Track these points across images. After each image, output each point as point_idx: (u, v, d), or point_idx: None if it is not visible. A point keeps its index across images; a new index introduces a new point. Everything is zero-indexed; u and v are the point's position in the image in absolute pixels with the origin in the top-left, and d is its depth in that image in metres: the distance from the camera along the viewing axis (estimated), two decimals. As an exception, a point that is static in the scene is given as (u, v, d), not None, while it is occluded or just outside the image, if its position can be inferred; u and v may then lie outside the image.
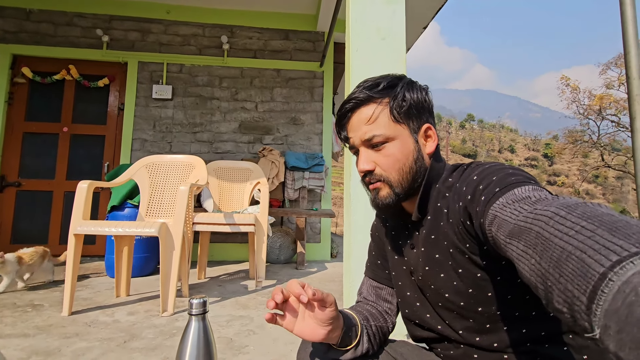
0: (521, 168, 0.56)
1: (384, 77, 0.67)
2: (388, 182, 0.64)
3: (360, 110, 0.65)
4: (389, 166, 0.64)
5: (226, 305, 1.98)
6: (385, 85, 0.65)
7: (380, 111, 0.64)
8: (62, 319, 1.69)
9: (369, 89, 0.65)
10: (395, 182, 0.64)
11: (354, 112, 0.66)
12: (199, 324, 0.79)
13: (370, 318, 0.73)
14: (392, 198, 0.64)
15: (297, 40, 3.84)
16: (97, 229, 1.78)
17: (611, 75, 18.65)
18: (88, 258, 3.27)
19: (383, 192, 0.65)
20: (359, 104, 0.65)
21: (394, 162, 0.63)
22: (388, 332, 0.76)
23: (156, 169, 2.32)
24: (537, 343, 0.56)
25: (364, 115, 0.65)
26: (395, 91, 0.65)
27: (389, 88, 0.65)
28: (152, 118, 3.56)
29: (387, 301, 0.79)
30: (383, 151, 0.64)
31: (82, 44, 3.53)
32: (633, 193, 32.58)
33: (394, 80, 0.66)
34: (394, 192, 0.64)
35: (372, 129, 0.63)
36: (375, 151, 0.65)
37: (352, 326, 0.67)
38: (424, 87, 0.68)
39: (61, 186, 3.40)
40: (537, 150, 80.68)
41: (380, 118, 0.64)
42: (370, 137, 0.64)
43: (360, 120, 0.65)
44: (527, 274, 0.35)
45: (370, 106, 0.64)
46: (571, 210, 0.33)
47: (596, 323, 0.25)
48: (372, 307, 0.78)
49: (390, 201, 0.64)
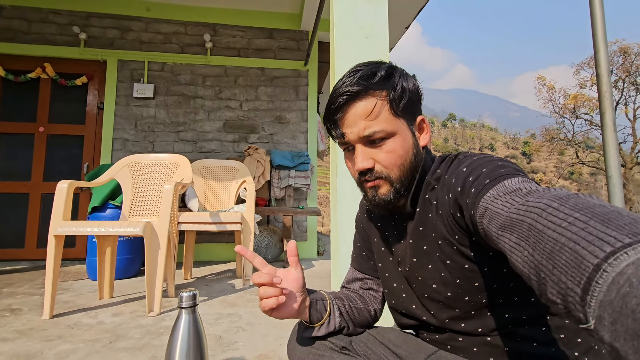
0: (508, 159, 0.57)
1: (377, 65, 0.62)
2: (389, 179, 0.61)
3: (356, 104, 0.60)
4: (390, 163, 0.60)
5: (214, 304, 1.97)
6: (382, 75, 0.60)
7: (380, 105, 0.59)
8: (43, 322, 1.64)
9: (365, 79, 0.59)
10: (396, 179, 0.61)
11: (350, 106, 0.60)
12: (189, 317, 0.80)
13: (344, 298, 0.76)
14: (392, 195, 0.62)
15: (281, 39, 3.83)
16: (79, 230, 1.74)
17: (584, 75, 19.44)
18: (68, 261, 3.17)
19: (383, 190, 0.62)
20: (354, 97, 0.59)
21: (396, 159, 0.60)
22: (368, 316, 0.77)
23: (139, 168, 2.28)
24: (517, 325, 0.59)
25: (362, 110, 0.59)
26: (393, 82, 0.60)
27: (386, 78, 0.60)
28: (133, 117, 3.49)
29: (371, 289, 0.80)
30: (384, 147, 0.60)
31: (59, 42, 3.42)
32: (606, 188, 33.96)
33: (389, 69, 0.62)
34: (394, 189, 0.61)
35: (372, 124, 0.59)
36: (373, 147, 0.60)
37: (320, 299, 0.71)
38: (413, 75, 0.65)
39: (38, 188, 3.29)
40: (516, 148, 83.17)
41: (381, 112, 0.59)
42: (370, 134, 0.59)
43: (357, 115, 0.59)
44: (520, 265, 0.35)
45: (369, 99, 0.59)
46: (563, 202, 0.33)
47: (590, 314, 0.25)
48: (350, 292, 0.79)
49: (390, 198, 0.62)
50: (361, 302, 0.77)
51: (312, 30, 3.23)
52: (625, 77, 17.26)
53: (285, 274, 0.66)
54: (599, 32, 1.42)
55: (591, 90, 19.15)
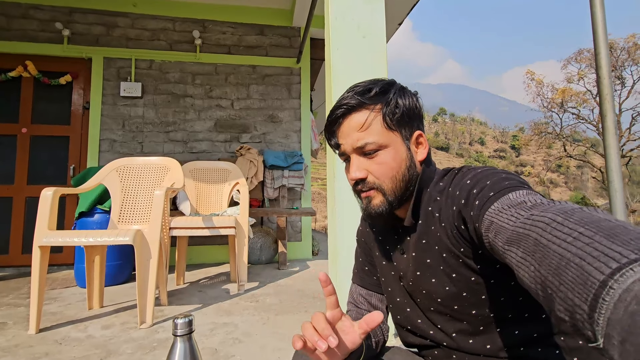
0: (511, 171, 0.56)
1: (374, 82, 0.65)
2: (381, 190, 0.63)
3: (351, 117, 0.63)
4: (381, 174, 0.62)
5: (208, 312, 1.92)
6: (377, 91, 0.63)
7: (373, 118, 0.62)
8: (29, 337, 1.57)
9: (361, 94, 0.63)
10: (388, 190, 0.62)
11: (345, 118, 0.64)
12: (184, 345, 0.74)
13: (371, 335, 0.72)
14: (384, 206, 0.63)
15: (272, 35, 3.75)
16: (66, 240, 1.66)
17: (571, 70, 19.72)
18: (55, 267, 3.07)
19: (376, 201, 0.63)
20: (350, 110, 0.63)
21: (387, 170, 0.62)
22: (384, 343, 0.75)
23: (128, 173, 2.20)
24: (529, 346, 0.56)
25: (356, 122, 0.63)
26: (387, 97, 0.63)
27: (381, 94, 0.63)
28: (120, 117, 3.38)
29: (376, 308, 0.77)
30: (376, 159, 0.62)
31: (40, 39, 3.28)
32: (592, 181, 34.71)
33: (386, 86, 0.65)
34: (387, 200, 0.62)
35: (365, 136, 0.62)
36: (367, 159, 0.63)
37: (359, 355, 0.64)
38: (414, 92, 0.67)
39: (22, 192, 3.17)
40: (505, 142, 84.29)
41: (373, 125, 0.62)
42: (362, 145, 0.62)
43: (352, 127, 0.63)
44: (527, 281, 0.35)
45: (363, 112, 0.62)
46: (568, 216, 0.33)
47: (599, 332, 0.25)
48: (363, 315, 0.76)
49: (383, 210, 0.63)
50: (379, 332, 0.74)
51: (305, 26, 3.16)
52: (611, 72, 17.58)
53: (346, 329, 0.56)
54: (600, 34, 1.39)
55: (578, 84, 19.46)
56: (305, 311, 1.94)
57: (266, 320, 1.79)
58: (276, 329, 1.68)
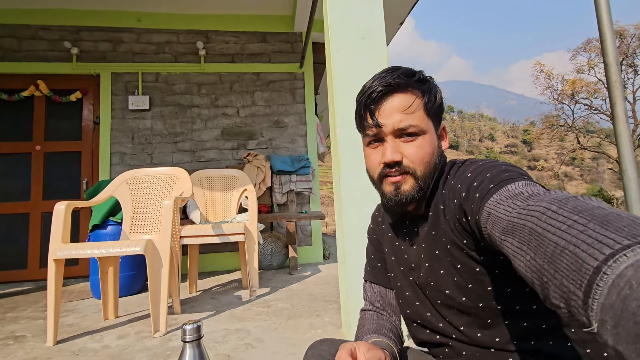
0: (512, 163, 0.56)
1: (410, 70, 0.66)
2: (414, 174, 0.62)
3: (394, 97, 0.62)
4: (418, 158, 0.61)
5: (221, 319, 1.93)
6: (420, 77, 0.64)
7: (418, 102, 0.62)
8: (47, 349, 1.60)
9: (406, 76, 0.63)
10: (421, 176, 0.62)
11: (387, 98, 0.62)
12: (193, 351, 0.75)
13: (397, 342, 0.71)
14: (415, 191, 0.62)
15: (274, 42, 3.78)
16: (79, 252, 1.70)
17: (581, 60, 19.28)
18: (72, 280, 3.14)
19: (406, 186, 0.62)
20: (394, 89, 0.62)
21: (424, 155, 0.62)
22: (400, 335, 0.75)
23: (138, 184, 2.23)
24: (540, 339, 0.56)
25: (399, 103, 0.62)
26: (429, 86, 0.64)
27: (422, 82, 0.64)
28: (130, 130, 3.45)
29: (391, 303, 0.78)
30: (415, 143, 0.62)
31: (50, 58, 3.38)
32: (609, 172, 33.79)
33: (424, 75, 0.66)
34: (418, 185, 0.62)
35: (409, 118, 0.61)
36: (404, 142, 0.62)
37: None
38: None
39: (38, 207, 3.25)
40: (516, 137, 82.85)
41: (416, 109, 0.62)
42: (405, 127, 0.61)
43: (394, 107, 0.62)
44: (523, 270, 0.35)
45: (408, 95, 0.62)
46: (562, 204, 0.34)
47: (593, 317, 0.25)
48: (388, 322, 0.75)
49: (414, 195, 0.62)
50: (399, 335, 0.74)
51: (306, 31, 3.18)
52: (623, 60, 17.12)
53: None
54: (604, 20, 1.36)
55: (589, 75, 19.02)
56: (317, 315, 1.93)
57: (278, 325, 1.79)
58: (288, 333, 1.67)
